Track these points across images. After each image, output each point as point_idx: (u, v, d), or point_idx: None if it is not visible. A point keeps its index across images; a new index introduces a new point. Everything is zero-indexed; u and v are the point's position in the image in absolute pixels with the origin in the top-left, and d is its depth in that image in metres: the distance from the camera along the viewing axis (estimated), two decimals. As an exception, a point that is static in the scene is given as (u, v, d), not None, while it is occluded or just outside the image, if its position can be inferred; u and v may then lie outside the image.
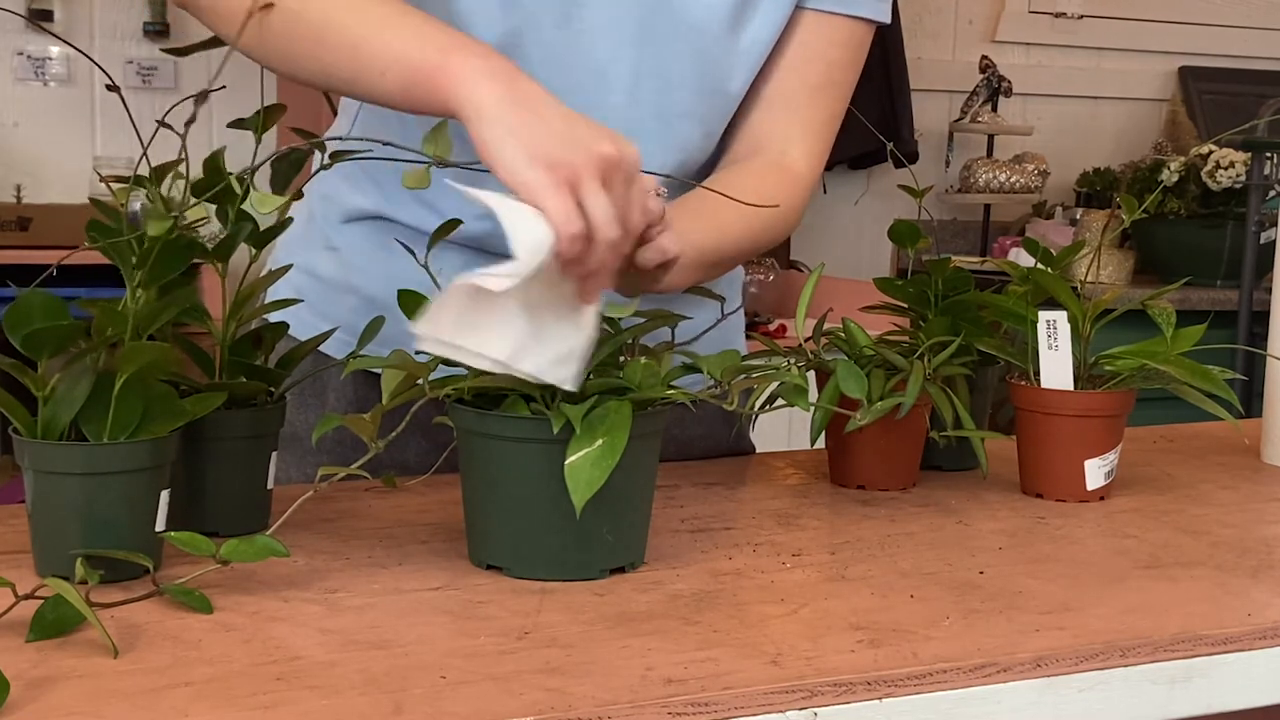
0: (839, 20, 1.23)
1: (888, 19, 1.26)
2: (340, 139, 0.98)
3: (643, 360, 0.97)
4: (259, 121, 1.01)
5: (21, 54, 3.47)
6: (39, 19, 3.39)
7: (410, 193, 1.19)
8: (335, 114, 1.34)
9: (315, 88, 1.09)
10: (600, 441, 0.88)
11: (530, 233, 0.86)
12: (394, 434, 0.92)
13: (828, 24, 1.23)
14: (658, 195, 0.98)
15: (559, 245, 0.86)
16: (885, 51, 3.67)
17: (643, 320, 1.02)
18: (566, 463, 0.87)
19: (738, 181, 1.18)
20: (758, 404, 1.12)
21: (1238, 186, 3.45)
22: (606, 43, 1.16)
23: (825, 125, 1.26)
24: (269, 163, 1.02)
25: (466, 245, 1.20)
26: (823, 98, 1.25)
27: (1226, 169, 3.45)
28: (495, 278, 0.84)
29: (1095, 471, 1.17)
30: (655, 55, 1.16)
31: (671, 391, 0.93)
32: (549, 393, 0.92)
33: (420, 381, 0.94)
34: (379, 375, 0.96)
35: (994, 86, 3.95)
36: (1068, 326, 1.18)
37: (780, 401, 1.09)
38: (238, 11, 0.99)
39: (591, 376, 0.94)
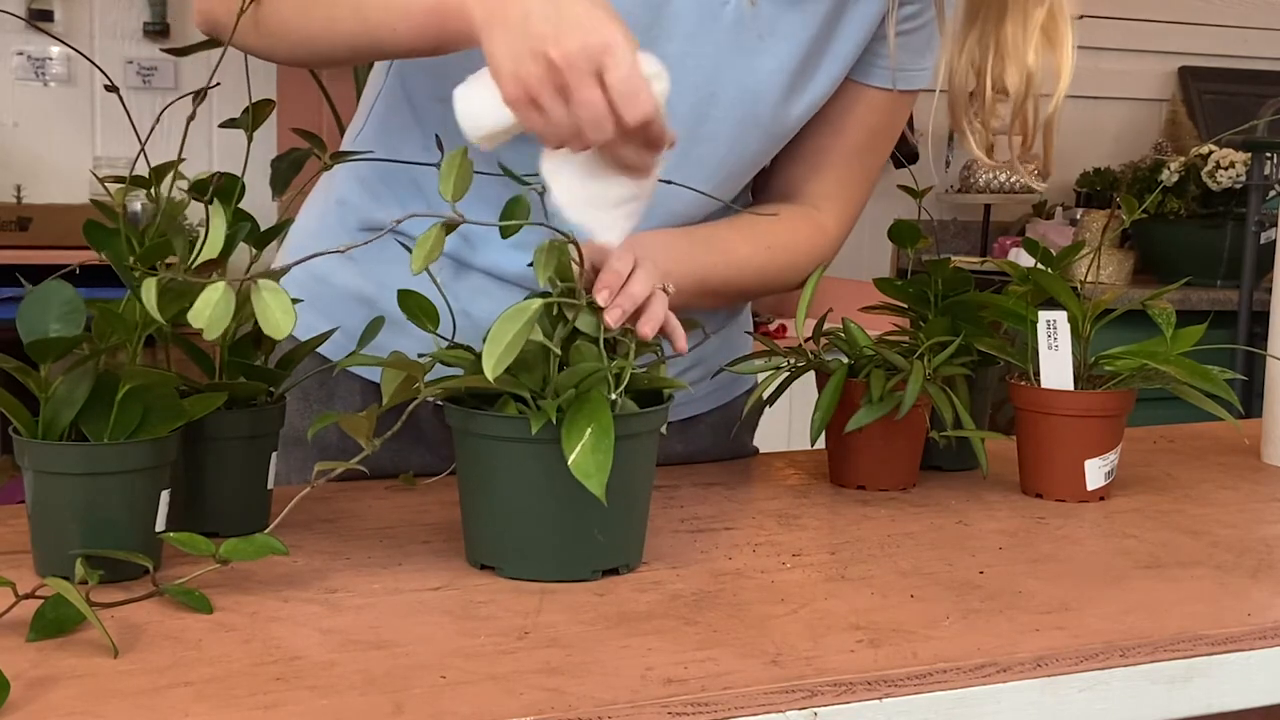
0: (883, 91, 1.24)
1: (930, 84, 1.27)
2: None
3: (631, 342, 0.95)
4: (249, 120, 1.00)
5: (21, 54, 3.47)
6: (39, 19, 3.39)
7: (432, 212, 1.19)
8: (335, 112, 1.34)
9: (336, 63, 1.09)
10: (589, 428, 0.87)
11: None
12: (389, 433, 0.91)
13: (871, 93, 1.24)
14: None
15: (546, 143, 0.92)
16: (885, 51, 3.66)
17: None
18: (569, 462, 0.87)
19: (764, 220, 1.21)
20: (748, 406, 1.12)
21: (1238, 186, 3.44)
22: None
23: (859, 186, 1.29)
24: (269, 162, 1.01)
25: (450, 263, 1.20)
26: (859, 160, 1.27)
27: (1226, 169, 3.45)
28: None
29: (1095, 471, 1.17)
30: (711, 122, 1.16)
31: (664, 380, 0.93)
32: (539, 392, 0.92)
33: (418, 384, 0.93)
34: None
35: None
36: (1068, 326, 1.18)
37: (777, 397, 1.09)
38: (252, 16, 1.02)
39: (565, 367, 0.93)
